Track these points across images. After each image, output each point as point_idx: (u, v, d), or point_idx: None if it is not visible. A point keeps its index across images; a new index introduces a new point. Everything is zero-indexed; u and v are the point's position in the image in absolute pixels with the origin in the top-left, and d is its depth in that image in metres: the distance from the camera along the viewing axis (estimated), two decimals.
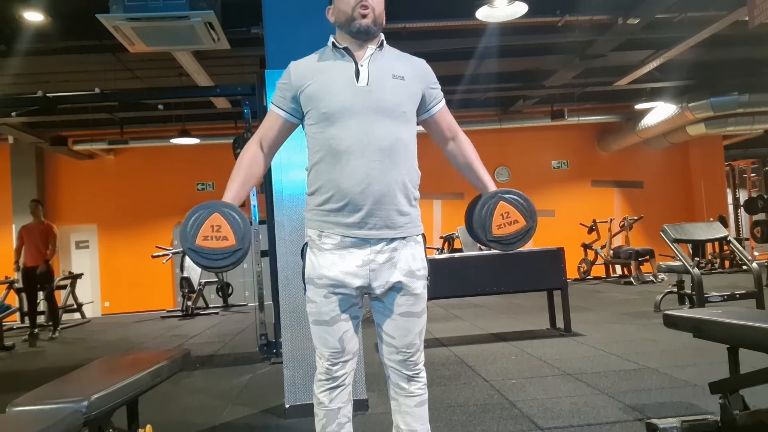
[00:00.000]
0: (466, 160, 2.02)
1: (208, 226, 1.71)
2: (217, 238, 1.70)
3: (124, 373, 2.22)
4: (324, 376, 1.90)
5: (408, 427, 1.92)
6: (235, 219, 1.74)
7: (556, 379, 3.83)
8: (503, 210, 1.79)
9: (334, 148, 1.79)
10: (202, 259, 1.73)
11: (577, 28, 7.16)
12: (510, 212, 1.79)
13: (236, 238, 1.72)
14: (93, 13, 4.52)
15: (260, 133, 1.95)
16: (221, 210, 1.74)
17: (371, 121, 1.79)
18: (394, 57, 1.93)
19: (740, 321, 2.25)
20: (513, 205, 1.80)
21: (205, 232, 1.70)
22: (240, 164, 1.90)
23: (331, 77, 1.84)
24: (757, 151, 14.13)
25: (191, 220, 1.72)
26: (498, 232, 1.78)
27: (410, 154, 1.87)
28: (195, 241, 1.70)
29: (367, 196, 1.77)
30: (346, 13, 1.83)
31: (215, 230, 1.71)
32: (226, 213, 1.74)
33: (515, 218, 1.78)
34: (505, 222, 1.78)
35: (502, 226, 1.78)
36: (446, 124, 2.03)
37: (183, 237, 1.71)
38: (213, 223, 1.71)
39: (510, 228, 1.77)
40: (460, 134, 2.04)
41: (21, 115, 8.70)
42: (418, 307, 1.90)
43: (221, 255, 1.72)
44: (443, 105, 2.01)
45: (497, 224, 1.78)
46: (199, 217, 1.72)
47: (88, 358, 4.63)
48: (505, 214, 1.79)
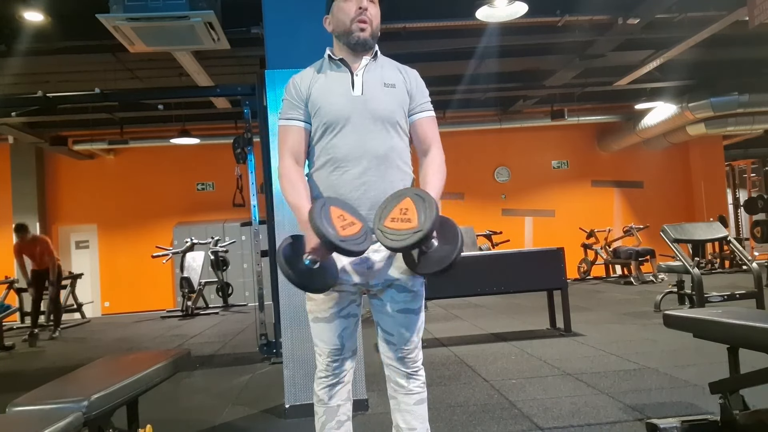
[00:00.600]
0: (423, 174, 1.96)
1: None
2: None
3: (124, 373, 2.22)
4: (323, 373, 1.92)
5: (407, 426, 1.94)
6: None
7: (556, 379, 3.83)
8: (405, 206, 1.76)
9: (332, 155, 1.86)
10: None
11: (577, 28, 7.16)
12: (409, 210, 1.75)
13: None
14: (93, 13, 4.52)
15: (290, 151, 1.91)
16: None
17: (367, 129, 1.86)
18: (387, 66, 1.98)
19: (740, 321, 2.25)
20: (416, 205, 1.75)
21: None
22: (293, 184, 1.87)
23: (329, 87, 1.90)
24: (757, 151, 14.14)
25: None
26: (389, 224, 1.75)
27: (404, 159, 1.93)
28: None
29: (364, 201, 1.84)
30: (345, 25, 1.89)
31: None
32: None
33: (410, 217, 1.74)
34: (400, 217, 1.74)
35: (395, 220, 1.75)
36: (423, 134, 1.98)
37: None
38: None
39: (401, 225, 1.73)
40: (433, 150, 1.97)
41: (21, 115, 8.70)
42: (415, 304, 1.93)
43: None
44: (427, 116, 1.99)
45: (392, 216, 1.75)
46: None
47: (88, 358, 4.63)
48: (404, 210, 1.75)
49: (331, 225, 1.69)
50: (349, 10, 1.87)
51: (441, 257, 1.77)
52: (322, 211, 1.71)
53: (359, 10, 1.86)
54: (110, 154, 12.22)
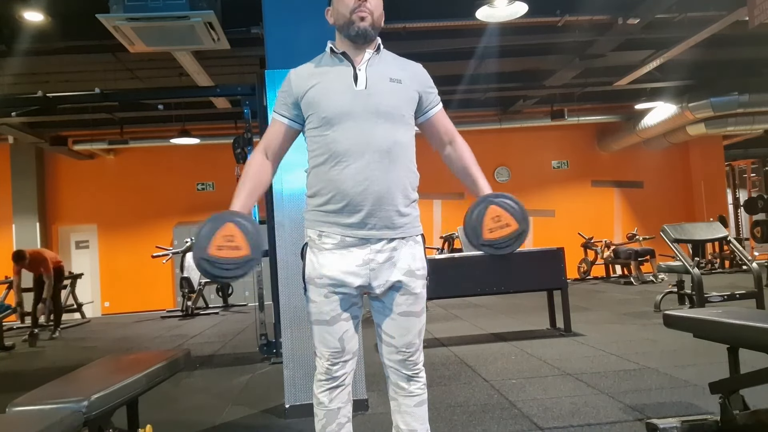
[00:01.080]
0: (462, 164, 2.00)
1: (221, 236, 1.70)
2: (231, 248, 1.70)
3: (124, 373, 2.22)
4: (324, 376, 1.90)
5: (408, 427, 1.93)
6: (247, 228, 1.74)
7: (556, 379, 3.83)
8: (494, 214, 1.78)
9: (334, 150, 1.82)
10: (216, 269, 1.71)
11: (577, 28, 7.16)
12: (501, 216, 1.77)
13: (250, 247, 1.72)
14: (93, 13, 4.52)
15: (265, 142, 1.95)
16: (234, 220, 1.74)
17: (370, 124, 1.82)
18: (391, 61, 1.95)
19: (740, 321, 2.25)
20: (504, 208, 1.77)
21: (219, 241, 1.69)
22: (247, 174, 1.90)
23: (331, 82, 1.86)
24: (757, 151, 14.14)
25: (203, 231, 1.71)
26: (489, 236, 1.76)
27: (409, 156, 1.90)
28: (209, 251, 1.69)
29: (367, 197, 1.80)
30: (345, 16, 1.86)
31: (228, 240, 1.70)
32: (239, 222, 1.73)
33: (507, 222, 1.76)
34: (497, 226, 1.76)
35: (493, 230, 1.76)
36: (443, 127, 2.02)
37: (197, 247, 1.70)
38: (226, 233, 1.71)
39: (501, 232, 1.75)
40: (457, 138, 2.03)
41: (21, 115, 8.70)
42: (417, 306, 1.91)
43: (234, 265, 1.71)
44: (440, 108, 2.01)
45: (488, 228, 1.77)
46: (213, 228, 1.71)
47: (88, 358, 4.63)
48: (496, 218, 1.77)
49: (209, 241, 1.68)
50: (348, 1, 1.85)
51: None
52: (215, 222, 1.71)
53: (358, 1, 1.84)
54: (110, 154, 12.22)
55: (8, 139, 10.92)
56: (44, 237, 11.73)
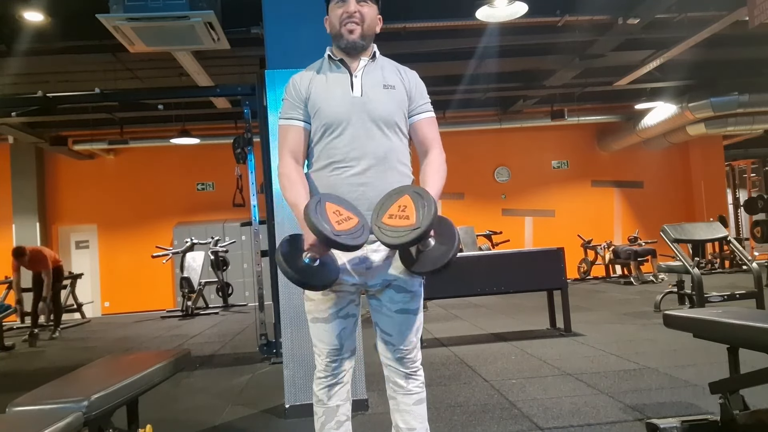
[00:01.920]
0: (423, 174, 1.96)
1: (330, 213, 1.72)
2: (345, 219, 1.73)
3: (124, 373, 2.22)
4: (323, 373, 1.92)
5: (407, 426, 1.94)
6: (341, 200, 1.79)
7: (556, 379, 3.83)
8: (403, 203, 1.74)
9: (332, 156, 1.87)
10: (347, 239, 1.70)
11: (577, 28, 7.16)
12: (407, 207, 1.73)
13: (356, 214, 1.77)
14: (93, 13, 4.52)
15: (289, 149, 1.92)
16: (327, 199, 1.76)
17: (366, 130, 1.86)
18: (387, 67, 1.98)
19: (740, 321, 2.25)
20: (414, 203, 1.74)
21: (333, 218, 1.71)
22: (292, 180, 1.88)
23: (329, 88, 1.90)
24: (757, 151, 14.13)
25: (312, 221, 1.67)
26: (387, 221, 1.75)
27: (403, 160, 1.93)
28: (335, 229, 1.69)
29: (362, 202, 1.83)
30: (335, 27, 1.91)
31: (337, 214, 1.73)
32: (332, 198, 1.78)
33: (408, 214, 1.72)
34: (398, 214, 1.74)
35: (393, 217, 1.74)
36: (422, 136, 1.99)
37: (321, 237, 1.66)
38: (333, 210, 1.73)
39: (399, 221, 1.73)
40: (434, 150, 1.97)
41: (21, 115, 8.70)
42: (414, 304, 1.93)
43: (358, 231, 1.73)
44: (426, 118, 1.99)
45: (390, 213, 1.75)
46: (317, 214, 1.69)
47: (88, 358, 4.63)
48: (402, 207, 1.74)
49: (327, 220, 1.69)
50: (338, 13, 1.90)
51: (437, 256, 1.76)
52: (317, 207, 1.71)
53: (347, 14, 1.88)
54: (110, 154, 12.22)
55: (8, 139, 10.91)
56: (44, 237, 11.73)
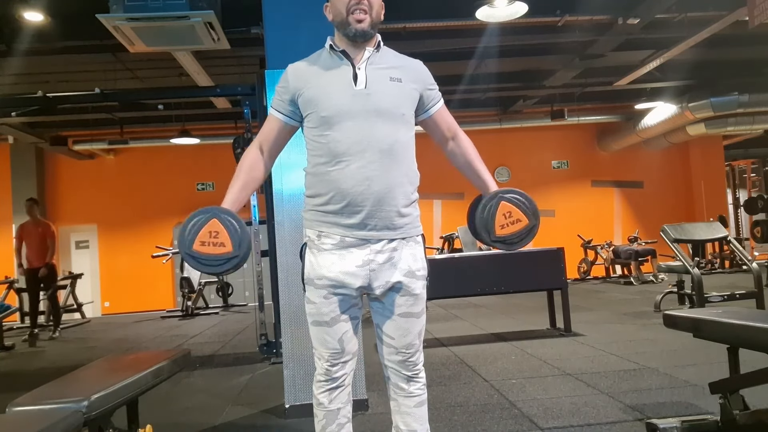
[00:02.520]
0: (466, 159, 2.01)
1: (206, 232, 1.70)
2: (215, 244, 1.69)
3: (124, 373, 2.22)
4: (323, 377, 1.89)
5: (407, 428, 1.92)
6: (232, 225, 1.73)
7: (556, 379, 3.83)
8: (505, 210, 1.79)
9: (333, 150, 1.80)
10: (199, 265, 1.73)
11: (577, 28, 7.16)
12: (512, 212, 1.79)
13: (233, 244, 1.72)
14: (93, 13, 4.51)
15: (260, 137, 1.96)
16: (219, 216, 1.73)
17: (370, 123, 1.80)
18: (391, 58, 1.93)
19: (740, 321, 2.25)
20: (514, 204, 1.79)
21: (203, 237, 1.69)
22: (240, 169, 1.91)
23: (330, 81, 1.84)
24: (757, 151, 14.14)
25: (189, 225, 1.71)
26: (501, 232, 1.77)
27: (409, 155, 1.88)
28: (192, 246, 1.69)
29: (367, 197, 1.78)
30: (341, 14, 1.83)
31: (213, 236, 1.70)
32: (224, 219, 1.73)
33: (518, 217, 1.78)
34: (508, 222, 1.78)
35: (505, 226, 1.78)
36: (445, 124, 2.02)
37: (180, 241, 1.71)
38: (211, 229, 1.70)
39: (513, 227, 1.77)
40: (459, 134, 2.03)
41: (21, 115, 8.69)
42: (417, 307, 1.90)
43: (218, 261, 1.71)
44: (442, 105, 2.01)
45: (500, 224, 1.78)
46: (197, 222, 1.71)
47: (88, 358, 4.63)
48: (507, 214, 1.78)
49: (195, 235, 1.69)
50: (344, 1, 1.82)
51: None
52: (200, 218, 1.71)
53: (354, 2, 1.81)
54: (110, 154, 12.21)
55: (8, 139, 10.91)
56: None
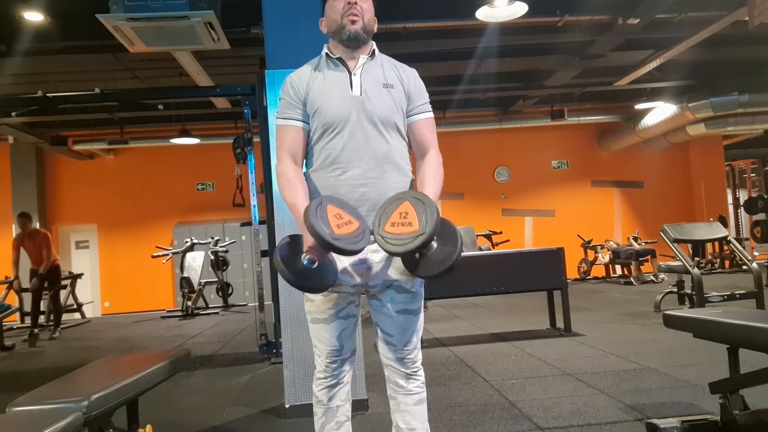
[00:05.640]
0: (420, 177, 1.94)
1: (331, 216, 1.70)
2: (345, 223, 1.71)
3: (124, 373, 2.22)
4: (322, 374, 1.92)
5: (407, 426, 1.93)
6: (343, 203, 1.77)
7: (556, 379, 3.83)
8: (404, 210, 1.73)
9: (332, 156, 1.85)
10: (347, 244, 1.69)
11: (577, 28, 7.16)
12: (409, 213, 1.72)
13: (357, 218, 1.75)
14: (93, 13, 4.52)
15: (287, 150, 1.90)
16: (328, 202, 1.74)
17: (366, 130, 1.85)
18: (385, 66, 1.96)
19: (740, 321, 2.25)
20: (416, 208, 1.71)
21: (333, 221, 1.69)
22: (292, 182, 1.86)
23: (327, 87, 1.88)
24: (757, 151, 14.14)
25: (311, 222, 1.65)
26: (389, 229, 1.74)
27: (403, 160, 1.92)
28: (334, 233, 1.67)
29: (363, 203, 1.83)
30: (336, 21, 1.88)
31: (338, 217, 1.71)
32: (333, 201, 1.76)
33: (410, 221, 1.69)
34: (400, 221, 1.73)
35: (395, 225, 1.72)
36: (420, 137, 1.97)
37: (320, 239, 1.64)
38: (333, 213, 1.71)
39: (401, 229, 1.71)
40: (431, 152, 1.95)
41: (21, 115, 8.70)
42: (414, 304, 1.92)
43: (357, 236, 1.72)
44: (425, 118, 1.97)
45: (392, 221, 1.73)
46: (317, 216, 1.67)
47: (88, 358, 4.63)
48: (404, 213, 1.72)
49: (326, 224, 1.67)
50: (338, 6, 1.88)
51: (441, 259, 1.74)
52: (317, 210, 1.69)
53: (347, 5, 1.87)
54: (110, 154, 12.22)
55: (8, 139, 10.92)
56: None
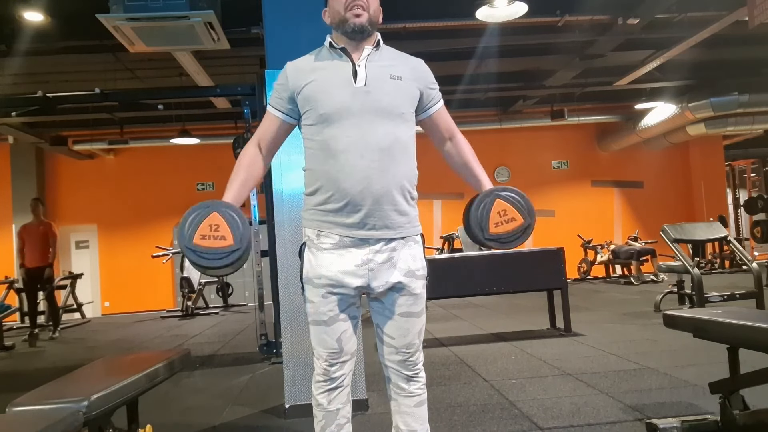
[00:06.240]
0: (462, 160, 2.01)
1: (206, 225, 1.68)
2: (215, 237, 1.68)
3: (124, 373, 2.22)
4: (322, 377, 1.89)
5: (407, 427, 1.92)
6: (233, 218, 1.72)
7: (556, 379, 3.83)
8: (500, 208, 1.76)
9: (332, 148, 1.79)
10: (200, 259, 1.70)
11: (577, 28, 7.15)
12: (507, 210, 1.76)
13: (234, 238, 1.70)
14: (93, 13, 4.51)
15: (258, 135, 1.95)
16: (220, 209, 1.73)
17: (369, 121, 1.79)
18: (391, 56, 1.92)
19: (740, 321, 2.25)
20: (510, 202, 1.76)
21: (203, 231, 1.68)
22: (239, 166, 1.90)
23: (329, 78, 1.83)
24: (757, 151, 14.13)
25: (189, 219, 1.70)
26: (495, 231, 1.74)
27: (409, 154, 1.87)
28: (192, 240, 1.68)
29: (367, 196, 1.77)
30: (340, 13, 1.84)
31: (213, 229, 1.68)
32: (224, 212, 1.72)
33: (512, 216, 1.75)
34: (503, 220, 1.75)
35: (499, 224, 1.75)
36: (444, 124, 2.02)
37: (180, 236, 1.70)
38: (211, 222, 1.69)
39: (507, 226, 1.74)
40: (457, 134, 2.04)
41: (21, 115, 8.70)
42: (417, 307, 1.89)
43: (219, 255, 1.69)
44: (441, 105, 2.00)
45: (494, 222, 1.75)
46: (197, 216, 1.70)
47: (88, 358, 4.63)
48: (502, 212, 1.76)
49: (194, 229, 1.67)
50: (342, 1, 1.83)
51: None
52: (199, 212, 1.70)
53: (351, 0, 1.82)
54: (110, 154, 12.22)
55: (8, 139, 10.91)
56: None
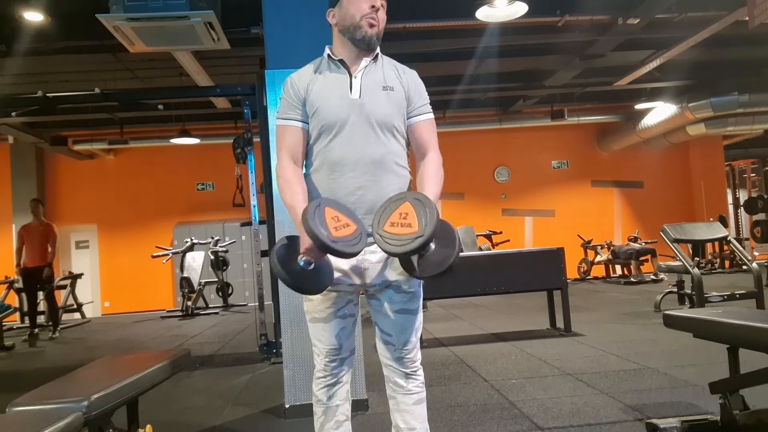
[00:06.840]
0: (420, 176, 1.93)
1: (329, 218, 1.70)
2: (343, 226, 1.71)
3: (124, 373, 2.22)
4: (322, 373, 1.92)
5: (407, 426, 1.93)
6: (341, 206, 1.77)
7: (556, 379, 3.83)
8: (404, 210, 1.73)
9: (329, 159, 1.85)
10: (344, 247, 1.68)
11: (577, 28, 7.16)
12: (409, 214, 1.71)
13: (354, 221, 1.75)
14: (93, 13, 4.52)
15: (288, 151, 1.90)
16: (326, 204, 1.74)
17: (363, 133, 1.84)
18: (386, 67, 1.95)
19: (740, 321, 2.25)
20: (416, 209, 1.71)
21: (331, 224, 1.68)
22: (289, 183, 1.86)
23: (327, 89, 1.88)
24: (757, 151, 14.14)
25: (309, 225, 1.65)
26: (388, 229, 1.74)
27: (401, 163, 1.91)
28: (332, 235, 1.66)
29: (360, 206, 1.83)
30: (354, 19, 1.85)
31: (336, 220, 1.71)
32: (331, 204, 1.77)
33: (410, 222, 1.69)
34: (400, 222, 1.72)
35: (395, 225, 1.72)
36: (420, 139, 1.96)
37: (318, 242, 1.64)
38: (332, 215, 1.71)
39: (401, 230, 1.71)
40: (430, 153, 1.95)
41: (21, 115, 8.69)
42: (413, 304, 1.93)
43: (354, 239, 1.71)
44: (425, 120, 1.96)
45: (392, 221, 1.73)
46: (315, 219, 1.67)
47: (88, 358, 4.63)
48: (403, 214, 1.72)
49: (324, 226, 1.67)
50: (362, 5, 1.85)
51: (439, 261, 1.74)
52: (316, 212, 1.69)
53: (372, 9, 1.85)
54: (110, 154, 12.22)
55: (8, 139, 10.92)
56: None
